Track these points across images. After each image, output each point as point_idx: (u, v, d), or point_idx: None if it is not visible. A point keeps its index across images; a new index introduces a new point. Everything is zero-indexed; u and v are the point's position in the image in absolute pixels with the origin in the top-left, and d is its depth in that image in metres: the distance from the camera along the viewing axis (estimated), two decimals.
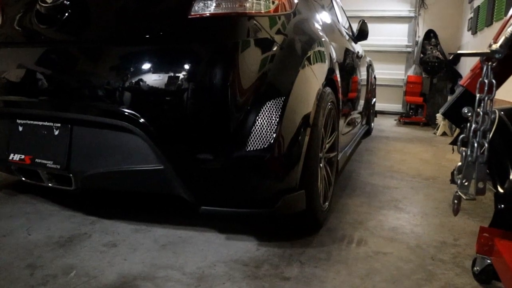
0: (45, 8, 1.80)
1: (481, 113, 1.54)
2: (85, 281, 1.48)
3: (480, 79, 1.53)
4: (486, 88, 1.52)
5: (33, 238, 1.81)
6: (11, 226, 1.92)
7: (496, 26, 4.69)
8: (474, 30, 6.11)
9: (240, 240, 1.86)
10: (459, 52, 1.72)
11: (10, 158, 1.91)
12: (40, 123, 1.86)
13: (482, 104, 1.54)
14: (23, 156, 1.88)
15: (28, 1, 1.97)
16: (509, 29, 1.53)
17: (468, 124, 1.61)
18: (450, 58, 6.56)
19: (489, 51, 1.51)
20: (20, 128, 1.91)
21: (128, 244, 1.78)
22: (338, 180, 2.93)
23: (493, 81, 1.52)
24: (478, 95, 1.54)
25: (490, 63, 1.53)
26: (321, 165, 2.01)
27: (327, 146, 2.17)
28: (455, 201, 1.49)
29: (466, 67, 6.24)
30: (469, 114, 1.58)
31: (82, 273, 1.53)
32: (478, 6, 5.88)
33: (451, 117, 1.71)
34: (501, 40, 1.52)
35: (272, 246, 1.81)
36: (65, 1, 1.78)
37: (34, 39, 1.94)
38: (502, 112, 1.90)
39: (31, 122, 1.89)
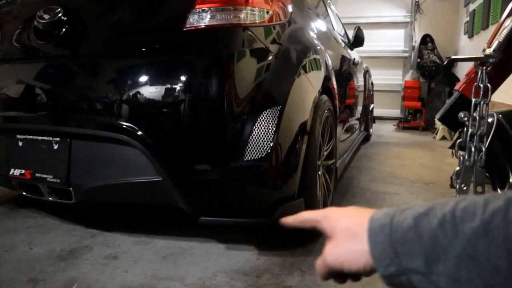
0: (43, 24, 1.82)
1: (477, 117, 1.55)
2: None
3: (475, 83, 1.54)
4: (481, 93, 1.53)
5: (34, 252, 1.81)
6: (12, 241, 1.93)
7: (493, 29, 4.71)
8: (470, 33, 6.14)
9: (240, 250, 1.86)
10: (453, 57, 1.73)
11: (11, 173, 1.91)
12: (40, 137, 1.87)
13: (478, 109, 1.55)
14: (23, 171, 1.89)
15: (26, 18, 1.99)
16: (502, 33, 1.55)
17: (465, 129, 1.61)
18: (445, 63, 6.59)
19: (483, 55, 1.53)
20: (20, 143, 1.92)
21: (129, 256, 1.78)
22: (338, 187, 2.93)
23: (488, 85, 1.52)
24: (473, 100, 1.55)
25: (484, 68, 1.54)
26: (319, 172, 2.01)
27: (325, 153, 2.18)
28: None
29: (464, 71, 6.24)
30: (465, 118, 1.59)
31: (84, 286, 1.53)
32: (474, 10, 5.91)
33: (448, 122, 1.72)
34: (494, 44, 1.53)
35: (272, 255, 1.81)
36: (62, 17, 1.80)
37: (32, 55, 1.96)
38: (501, 115, 1.91)
39: (31, 137, 1.90)
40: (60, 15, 1.80)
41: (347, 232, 0.51)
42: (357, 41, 3.82)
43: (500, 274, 0.37)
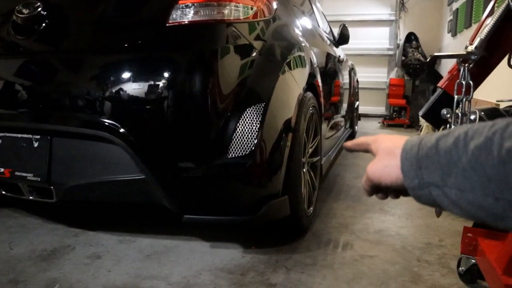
0: (22, 19, 1.77)
1: (459, 114, 1.56)
2: None
3: (458, 80, 1.55)
4: (463, 89, 1.54)
5: (15, 252, 1.78)
6: None
7: (475, 27, 4.76)
8: (454, 32, 6.20)
9: (225, 248, 1.85)
10: (436, 54, 1.74)
11: None
12: (19, 135, 1.83)
13: (460, 106, 1.56)
14: (2, 170, 1.84)
15: (4, 13, 1.94)
16: (484, 31, 1.56)
17: (448, 126, 1.62)
18: (428, 60, 6.66)
19: (465, 52, 1.54)
20: None
21: (112, 255, 1.76)
22: (323, 184, 2.94)
23: (471, 82, 1.54)
24: (456, 97, 1.55)
25: (467, 65, 1.55)
26: (304, 170, 2.01)
27: (310, 150, 2.17)
28: None
29: (448, 68, 6.31)
30: (448, 115, 1.61)
31: (66, 287, 1.50)
32: (457, 9, 5.98)
33: (431, 119, 1.73)
34: (476, 41, 1.54)
35: (257, 252, 1.81)
36: (42, 12, 1.76)
37: (11, 50, 1.91)
38: (483, 113, 1.93)
39: (10, 134, 1.85)
40: (39, 9, 1.76)
41: (386, 151, 0.60)
42: (342, 38, 3.82)
43: (492, 182, 0.43)
